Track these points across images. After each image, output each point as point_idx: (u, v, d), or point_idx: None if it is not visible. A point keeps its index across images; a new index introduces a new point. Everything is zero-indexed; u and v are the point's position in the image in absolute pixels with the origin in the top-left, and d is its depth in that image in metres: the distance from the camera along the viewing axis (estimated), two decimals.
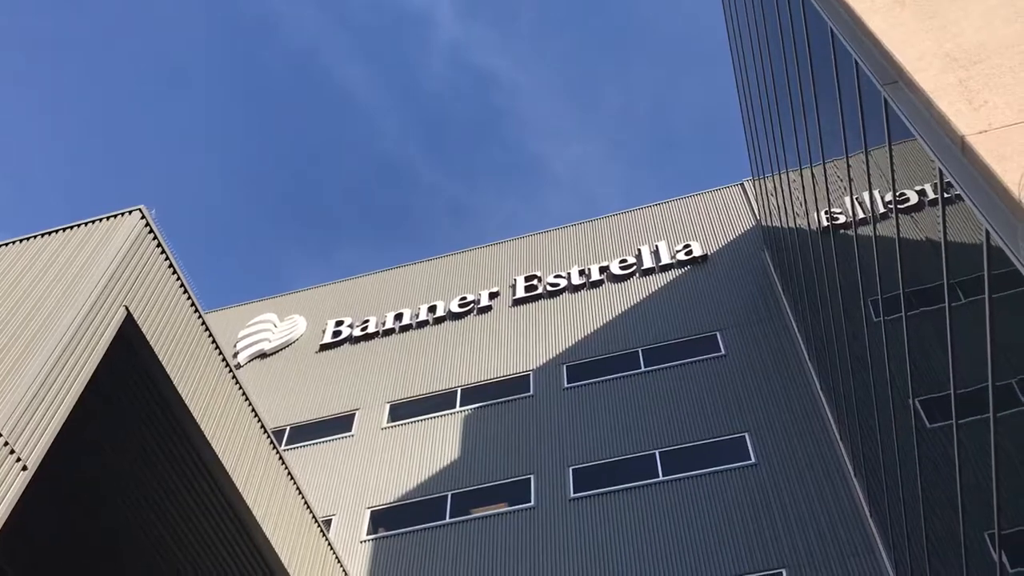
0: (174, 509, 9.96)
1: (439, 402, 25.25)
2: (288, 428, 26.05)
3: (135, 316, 8.70)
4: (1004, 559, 9.26)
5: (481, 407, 24.50)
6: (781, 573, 17.68)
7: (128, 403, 9.43)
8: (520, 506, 21.19)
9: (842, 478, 19.06)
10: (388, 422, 25.17)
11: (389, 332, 28.81)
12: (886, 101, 9.63)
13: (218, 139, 74.42)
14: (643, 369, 23.83)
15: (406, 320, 28.93)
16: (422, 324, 28.67)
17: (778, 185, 21.03)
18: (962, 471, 10.09)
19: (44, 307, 8.48)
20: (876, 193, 11.76)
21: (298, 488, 11.42)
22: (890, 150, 10.21)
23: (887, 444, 14.15)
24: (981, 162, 7.41)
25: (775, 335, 23.41)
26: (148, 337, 8.81)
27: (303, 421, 26.19)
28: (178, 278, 9.72)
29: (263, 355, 29.78)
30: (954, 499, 10.55)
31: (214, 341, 9.98)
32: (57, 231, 9.84)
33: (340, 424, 25.73)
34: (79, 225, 9.73)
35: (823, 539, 18.03)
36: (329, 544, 11.86)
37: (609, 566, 19.02)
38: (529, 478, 21.85)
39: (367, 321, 29.47)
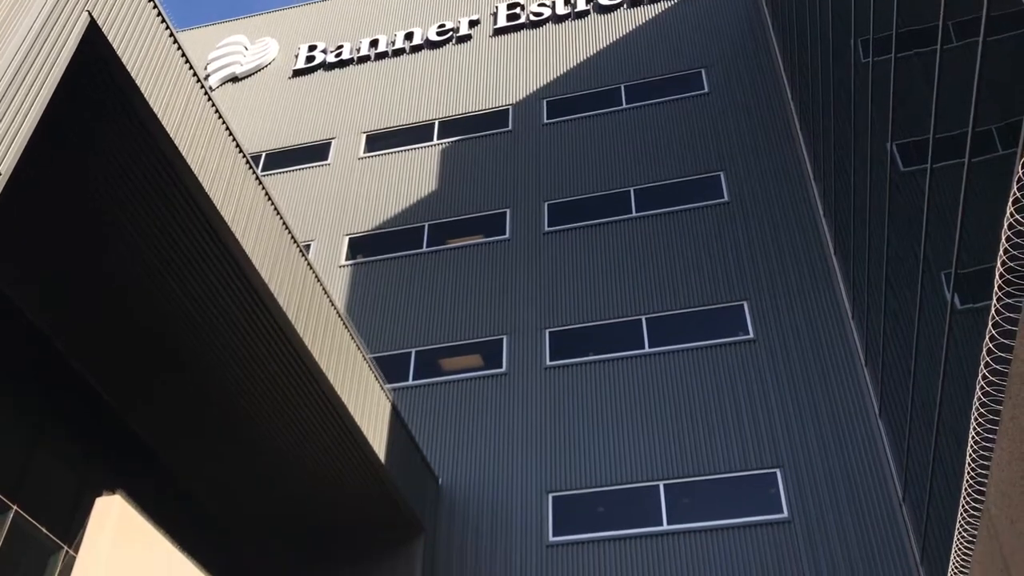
0: (152, 223, 10.06)
1: (416, 134, 25.03)
2: (264, 154, 25.90)
3: (99, 22, 8.30)
4: (956, 300, 9.71)
5: (459, 140, 24.35)
6: (743, 304, 18.54)
7: (101, 119, 9.23)
8: (495, 238, 21.67)
9: (811, 219, 19.52)
10: (365, 152, 25.05)
11: (364, 59, 27.94)
12: None
13: None
14: (624, 106, 23.54)
15: (382, 47, 27.97)
16: (398, 52, 27.77)
17: None
18: (929, 210, 10.35)
19: None
20: None
21: (276, 209, 11.50)
22: None
23: (859, 186, 14.37)
24: None
25: (760, 74, 22.99)
26: (114, 46, 8.45)
27: (278, 148, 25.99)
28: None
29: (235, 79, 28.95)
30: (918, 238, 10.89)
31: (184, 55, 9.60)
32: None
33: (316, 152, 25.59)
34: None
35: (786, 275, 18.75)
36: (309, 265, 12.15)
37: (579, 296, 19.81)
38: (505, 212, 22.17)
39: (341, 47, 28.46)
